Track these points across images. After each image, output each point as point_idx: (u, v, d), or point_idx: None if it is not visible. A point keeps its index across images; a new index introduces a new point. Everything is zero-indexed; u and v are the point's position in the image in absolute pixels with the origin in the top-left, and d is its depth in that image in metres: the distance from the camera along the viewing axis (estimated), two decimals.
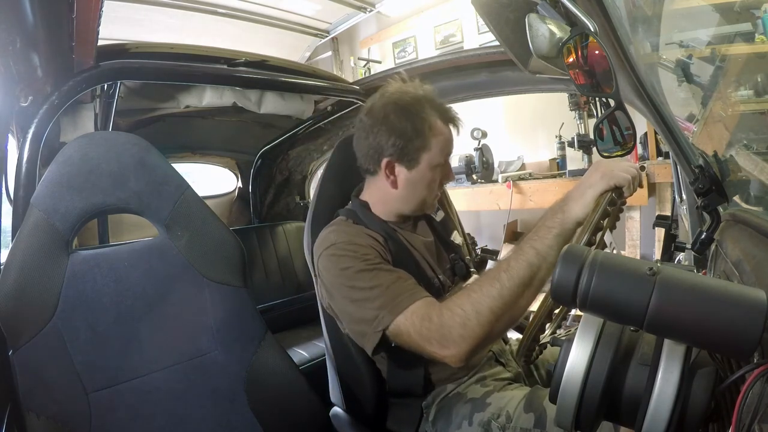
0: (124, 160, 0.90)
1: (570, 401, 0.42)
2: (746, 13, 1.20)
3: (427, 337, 0.77)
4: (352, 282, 0.85)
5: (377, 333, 0.81)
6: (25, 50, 0.82)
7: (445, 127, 0.96)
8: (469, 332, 0.73)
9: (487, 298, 0.74)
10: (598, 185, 0.75)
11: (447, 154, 0.97)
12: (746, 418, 0.35)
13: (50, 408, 0.79)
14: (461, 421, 0.91)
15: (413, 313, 0.79)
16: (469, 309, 0.74)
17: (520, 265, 0.74)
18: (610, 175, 0.75)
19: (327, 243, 0.91)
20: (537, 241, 0.76)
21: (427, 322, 0.77)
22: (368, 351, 0.85)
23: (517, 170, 2.86)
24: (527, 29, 0.80)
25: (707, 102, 1.19)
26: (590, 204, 0.75)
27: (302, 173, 2.22)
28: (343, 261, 0.87)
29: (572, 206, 0.76)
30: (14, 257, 0.80)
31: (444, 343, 0.75)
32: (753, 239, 0.58)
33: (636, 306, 0.36)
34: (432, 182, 0.97)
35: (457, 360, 0.75)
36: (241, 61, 1.26)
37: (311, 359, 1.67)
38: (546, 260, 0.74)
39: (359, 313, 0.84)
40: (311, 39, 3.20)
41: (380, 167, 0.96)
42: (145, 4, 2.31)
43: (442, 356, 0.76)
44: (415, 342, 0.79)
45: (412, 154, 0.93)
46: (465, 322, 0.74)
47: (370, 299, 0.83)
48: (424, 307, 0.80)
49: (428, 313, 0.78)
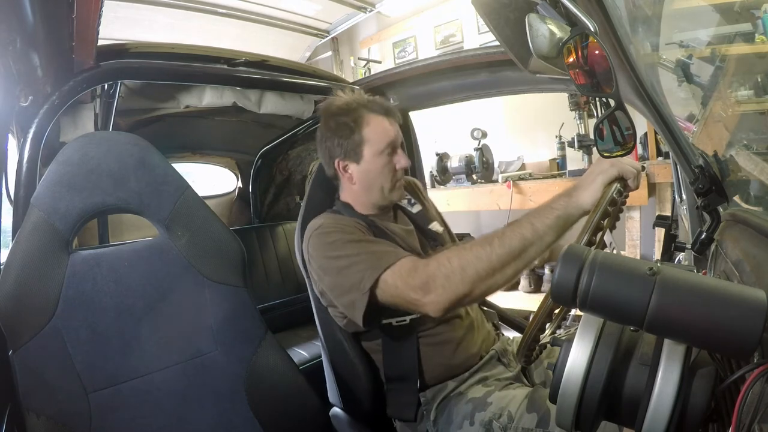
0: (124, 160, 0.90)
1: (570, 401, 0.42)
2: (746, 13, 1.20)
3: (412, 285, 0.81)
4: (338, 252, 0.91)
5: (364, 295, 0.85)
6: (25, 50, 0.82)
7: (378, 117, 1.03)
8: (451, 285, 0.77)
9: (475, 258, 0.77)
10: (609, 171, 0.77)
11: (388, 140, 1.03)
12: (746, 418, 0.35)
13: (50, 408, 0.79)
14: (462, 421, 0.92)
15: (400, 266, 0.85)
16: (455, 264, 0.78)
17: (514, 235, 0.77)
18: (619, 165, 0.77)
19: (314, 226, 0.99)
20: (537, 219, 0.78)
21: (413, 272, 0.82)
22: (359, 320, 0.88)
23: (517, 170, 2.86)
24: (527, 29, 0.80)
25: (707, 102, 1.19)
26: (599, 191, 0.76)
27: (302, 173, 2.22)
28: (330, 236, 0.94)
29: (581, 193, 0.78)
30: (14, 257, 0.80)
31: (426, 290, 0.80)
32: (753, 239, 0.58)
33: (636, 306, 0.36)
34: (383, 168, 1.03)
35: (436, 308, 0.79)
36: (241, 61, 1.26)
37: (311, 359, 1.67)
38: (541, 239, 0.76)
39: (347, 281, 0.89)
40: (311, 39, 3.20)
41: (337, 169, 1.06)
42: (145, 4, 2.31)
43: (423, 303, 0.80)
44: (400, 292, 0.83)
45: (354, 149, 1.03)
46: (449, 274, 0.78)
47: (355, 263, 0.88)
48: (410, 261, 0.85)
49: (415, 266, 0.83)
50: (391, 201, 1.09)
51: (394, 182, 1.06)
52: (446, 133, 3.19)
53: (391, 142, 1.03)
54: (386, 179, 1.04)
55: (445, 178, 2.90)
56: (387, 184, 1.05)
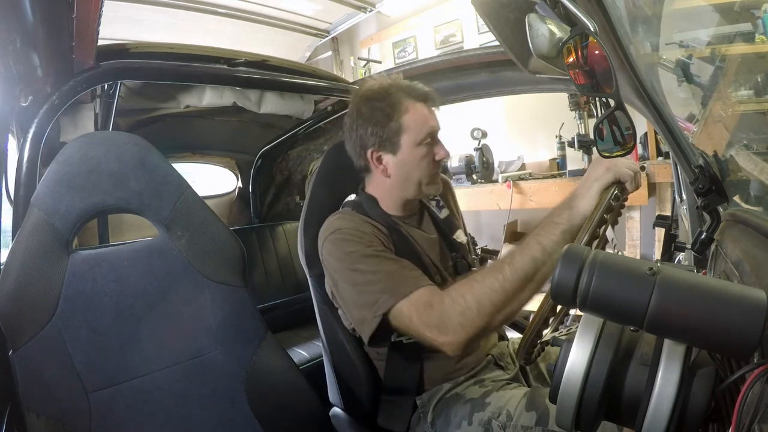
0: (124, 160, 0.90)
1: (570, 401, 0.42)
2: (746, 13, 1.20)
3: (428, 323, 0.78)
4: (356, 266, 0.87)
5: (376, 318, 0.83)
6: (25, 50, 0.82)
7: (417, 104, 0.96)
8: (468, 321, 0.75)
9: (489, 289, 0.74)
10: (604, 177, 0.76)
11: (428, 130, 0.96)
12: (746, 418, 0.35)
13: (50, 408, 0.79)
14: (461, 421, 0.91)
15: (417, 298, 0.81)
16: (470, 299, 0.75)
17: (524, 259, 0.75)
18: (615, 169, 0.75)
19: (332, 228, 0.93)
20: (543, 237, 0.76)
21: (429, 308, 0.79)
22: (365, 338, 0.86)
23: (517, 170, 2.86)
24: (527, 29, 0.80)
25: (707, 102, 1.19)
26: (597, 198, 0.75)
27: (302, 173, 2.22)
28: (348, 245, 0.89)
29: (580, 202, 0.77)
30: (14, 257, 0.80)
31: (443, 330, 0.76)
32: (753, 239, 0.58)
33: (636, 306, 0.36)
34: (422, 161, 0.97)
35: (454, 347, 0.77)
36: (241, 61, 1.26)
37: (311, 359, 1.67)
38: (551, 256, 0.74)
39: (361, 298, 0.86)
40: (311, 39, 3.20)
41: (369, 161, 0.98)
42: (145, 4, 2.31)
43: (440, 343, 0.77)
44: (414, 327, 0.80)
45: (391, 139, 0.95)
46: (465, 311, 0.75)
47: (371, 282, 0.84)
48: (427, 294, 0.81)
49: (431, 300, 0.79)
50: (427, 195, 1.02)
51: (433, 175, 0.99)
52: (446, 133, 3.18)
53: (432, 131, 0.97)
54: (425, 172, 0.97)
55: None
56: (425, 177, 0.98)
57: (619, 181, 0.76)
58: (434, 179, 1.00)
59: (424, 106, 0.97)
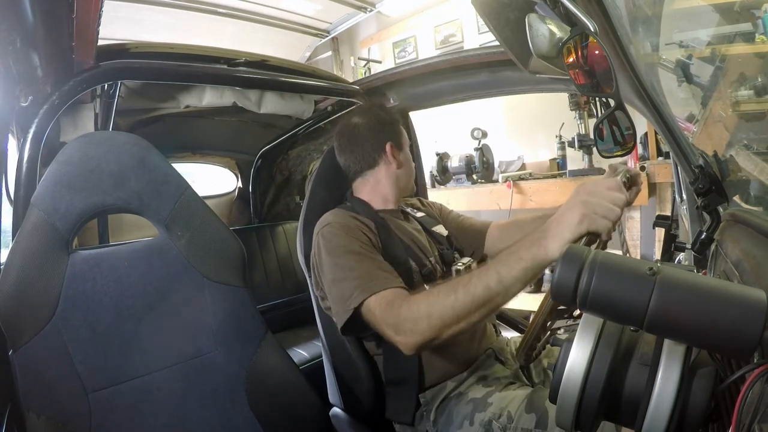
0: (124, 160, 0.90)
1: (570, 401, 0.42)
2: (746, 13, 1.19)
3: (386, 321, 0.84)
4: (338, 260, 0.94)
5: (348, 311, 0.88)
6: (25, 50, 0.81)
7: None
8: (418, 329, 0.79)
9: (441, 305, 0.77)
10: (575, 230, 0.67)
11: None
12: (746, 418, 0.35)
13: (50, 408, 0.79)
14: (462, 421, 0.92)
15: (383, 297, 0.86)
16: (423, 310, 0.79)
17: (479, 284, 0.74)
18: (590, 219, 0.67)
19: (325, 222, 1.02)
20: (503, 268, 0.73)
21: (389, 308, 0.84)
22: (338, 327, 0.92)
23: (518, 170, 2.86)
24: (527, 29, 0.80)
25: (707, 102, 1.19)
26: (565, 246, 0.67)
27: (302, 173, 2.22)
28: (337, 238, 0.96)
29: (549, 243, 0.70)
30: (14, 257, 0.80)
31: (396, 330, 0.82)
32: (753, 239, 0.58)
33: (636, 306, 0.36)
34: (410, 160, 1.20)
35: (407, 349, 0.81)
36: (241, 61, 1.26)
37: (311, 359, 1.67)
38: (507, 290, 0.73)
39: (338, 291, 0.92)
40: (311, 39, 3.21)
41: (386, 153, 1.12)
42: (145, 4, 2.31)
43: (395, 341, 0.82)
44: (376, 322, 0.86)
45: (398, 138, 1.15)
46: (416, 319, 0.79)
47: (348, 278, 0.91)
48: (392, 294, 0.86)
49: (393, 301, 0.85)
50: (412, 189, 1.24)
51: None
52: (446, 133, 3.19)
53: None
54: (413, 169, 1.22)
55: (445, 178, 2.90)
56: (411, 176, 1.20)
57: (594, 233, 0.68)
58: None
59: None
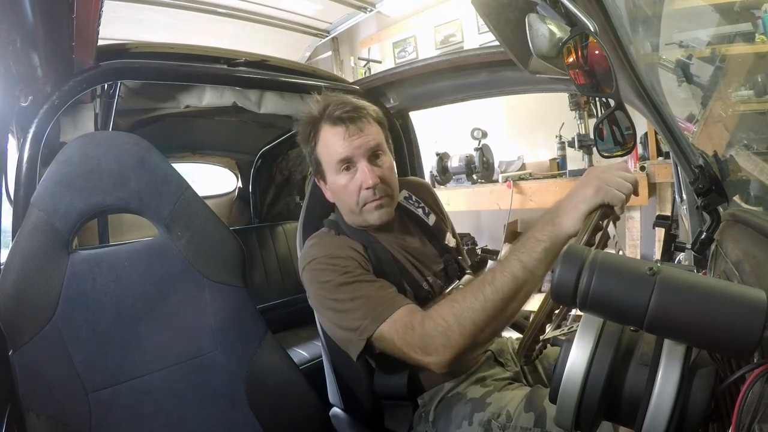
0: (124, 160, 0.90)
1: (570, 401, 0.42)
2: (746, 13, 1.19)
3: (411, 345, 0.78)
4: (334, 295, 0.87)
5: (361, 341, 0.83)
6: (25, 50, 0.82)
7: (332, 129, 0.92)
8: (451, 342, 0.74)
9: (469, 310, 0.73)
10: (591, 201, 0.69)
11: (338, 158, 0.91)
12: (746, 418, 0.35)
13: (50, 408, 0.79)
14: (461, 421, 0.91)
15: (395, 321, 0.80)
16: (451, 320, 0.74)
17: (505, 278, 0.72)
18: (605, 191, 0.69)
19: (309, 258, 0.93)
20: (524, 254, 0.72)
21: (410, 330, 0.78)
22: (353, 357, 0.87)
23: (518, 170, 2.86)
24: (527, 29, 0.80)
25: (707, 102, 1.19)
26: (582, 219, 0.70)
27: (302, 173, 2.22)
28: (324, 275, 0.89)
29: (564, 219, 0.71)
30: (14, 257, 0.80)
31: (426, 351, 0.76)
32: (753, 239, 0.58)
33: (636, 306, 0.36)
34: (345, 190, 0.93)
35: (440, 367, 0.76)
36: (241, 61, 1.26)
37: (311, 359, 1.67)
38: (533, 274, 0.71)
39: (344, 323, 0.86)
40: (311, 39, 3.20)
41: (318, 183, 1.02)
42: (145, 4, 2.31)
43: (426, 363, 0.77)
44: (398, 349, 0.80)
45: (318, 168, 0.98)
46: (447, 332, 0.74)
47: (352, 310, 0.84)
48: (406, 315, 0.81)
49: (410, 321, 0.79)
50: (370, 224, 0.96)
51: (363, 203, 0.93)
52: (446, 133, 3.19)
53: (344, 158, 0.91)
54: (353, 200, 0.93)
55: (445, 178, 2.90)
56: (355, 206, 0.94)
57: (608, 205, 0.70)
58: (367, 208, 0.94)
59: (341, 130, 0.91)
